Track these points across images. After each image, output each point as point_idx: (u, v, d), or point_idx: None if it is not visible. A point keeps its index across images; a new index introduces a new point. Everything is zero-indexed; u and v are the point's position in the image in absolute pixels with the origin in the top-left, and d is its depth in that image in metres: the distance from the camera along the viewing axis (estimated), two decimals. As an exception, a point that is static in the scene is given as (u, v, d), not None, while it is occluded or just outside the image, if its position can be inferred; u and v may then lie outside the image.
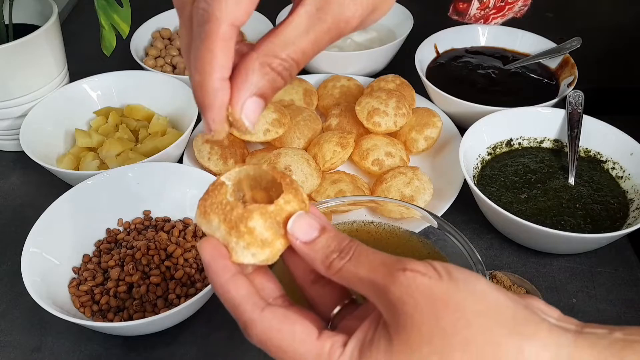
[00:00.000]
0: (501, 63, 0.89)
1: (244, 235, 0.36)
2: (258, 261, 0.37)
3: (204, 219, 0.38)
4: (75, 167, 0.76)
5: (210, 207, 0.38)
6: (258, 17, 0.97)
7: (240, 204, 0.37)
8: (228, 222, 0.37)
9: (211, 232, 0.38)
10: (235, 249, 0.37)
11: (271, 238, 0.37)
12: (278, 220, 0.37)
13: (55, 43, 0.79)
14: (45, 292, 0.57)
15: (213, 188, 0.40)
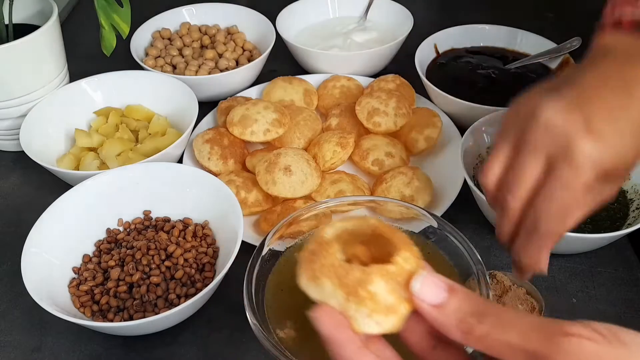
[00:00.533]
0: (501, 63, 0.89)
1: (366, 301, 0.32)
2: (383, 330, 0.33)
3: (313, 283, 0.34)
4: (76, 167, 0.76)
5: (321, 270, 0.34)
6: (258, 17, 0.97)
7: (357, 266, 0.33)
8: (345, 287, 0.33)
9: (323, 299, 0.34)
10: (356, 317, 0.33)
11: (395, 303, 0.33)
12: (400, 282, 0.33)
13: (55, 43, 0.79)
14: (45, 292, 0.57)
15: (319, 248, 0.35)
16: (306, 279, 0.35)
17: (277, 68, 0.97)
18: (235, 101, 0.83)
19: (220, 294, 0.63)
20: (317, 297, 0.34)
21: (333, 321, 0.33)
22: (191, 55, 0.95)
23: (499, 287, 0.62)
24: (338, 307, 0.33)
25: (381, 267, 0.33)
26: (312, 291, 0.34)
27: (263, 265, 0.55)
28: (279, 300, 0.54)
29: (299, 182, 0.70)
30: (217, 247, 0.66)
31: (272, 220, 0.68)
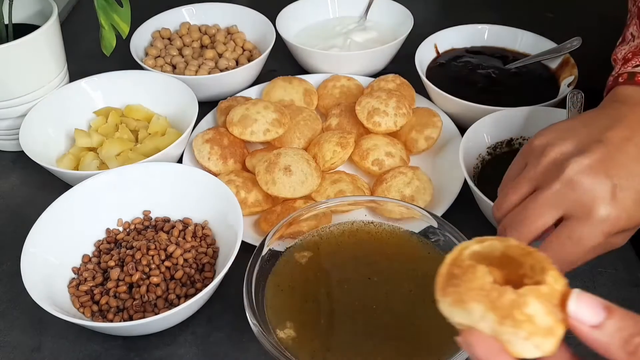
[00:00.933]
0: (501, 63, 0.89)
1: (523, 324, 0.31)
2: (542, 353, 0.32)
3: (459, 308, 0.33)
4: (75, 167, 0.76)
5: (468, 293, 0.33)
6: (258, 17, 0.97)
7: (509, 288, 0.32)
8: (498, 310, 0.32)
9: (471, 323, 0.33)
10: (512, 341, 0.32)
11: (553, 325, 0.32)
12: (554, 303, 0.32)
13: (55, 43, 0.79)
14: (44, 292, 0.57)
15: (462, 272, 0.34)
16: (450, 304, 0.34)
17: (277, 68, 0.96)
18: (235, 101, 0.83)
19: (220, 294, 0.63)
20: (463, 321, 0.34)
21: (489, 346, 0.32)
22: (191, 55, 0.95)
23: (499, 287, 0.62)
24: (489, 331, 0.33)
25: (534, 289, 0.32)
26: (458, 316, 0.34)
27: (263, 265, 0.55)
28: (279, 300, 0.54)
29: (299, 182, 0.70)
30: (217, 247, 0.66)
31: (272, 221, 0.68)
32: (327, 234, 0.60)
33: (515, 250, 0.34)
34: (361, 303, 0.53)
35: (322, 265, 0.57)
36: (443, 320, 0.52)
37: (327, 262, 0.57)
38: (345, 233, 0.60)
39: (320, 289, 0.55)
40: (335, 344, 0.50)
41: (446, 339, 0.50)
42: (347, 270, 0.56)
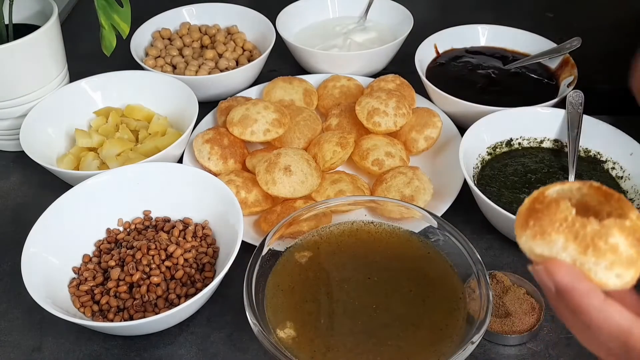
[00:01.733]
0: (501, 63, 0.89)
1: (606, 253, 0.33)
2: (622, 283, 0.33)
3: (541, 239, 0.34)
4: (76, 167, 0.76)
5: (550, 225, 0.34)
6: (258, 17, 0.98)
7: (592, 220, 0.33)
8: (581, 241, 0.33)
9: (551, 254, 0.34)
10: (595, 270, 0.33)
11: (636, 256, 0.33)
12: (637, 237, 0.33)
13: (56, 43, 0.79)
14: (45, 292, 0.57)
15: (544, 206, 0.35)
16: (531, 236, 0.35)
17: (277, 68, 0.97)
18: (235, 101, 0.83)
19: (221, 294, 0.63)
20: (543, 252, 0.34)
21: (572, 272, 0.32)
22: (191, 55, 0.95)
23: (499, 287, 0.62)
24: (570, 261, 0.34)
25: (618, 222, 0.33)
26: (539, 248, 0.35)
27: (263, 265, 0.55)
28: (279, 300, 0.54)
29: (299, 182, 0.70)
30: (217, 247, 0.66)
31: (272, 220, 0.68)
32: (327, 234, 0.60)
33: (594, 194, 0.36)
34: (361, 303, 0.53)
35: (322, 265, 0.57)
36: (443, 320, 0.52)
37: (327, 261, 0.57)
38: (345, 233, 0.60)
39: (320, 288, 0.55)
40: (335, 344, 0.50)
41: (446, 339, 0.50)
42: (347, 270, 0.56)
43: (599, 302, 0.32)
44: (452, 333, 0.51)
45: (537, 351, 0.58)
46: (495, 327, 0.58)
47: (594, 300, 0.32)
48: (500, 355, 0.58)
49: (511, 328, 0.58)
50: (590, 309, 0.32)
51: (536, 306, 0.60)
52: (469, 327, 0.50)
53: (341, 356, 0.50)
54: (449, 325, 0.52)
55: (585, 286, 0.32)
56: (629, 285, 0.34)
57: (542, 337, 0.59)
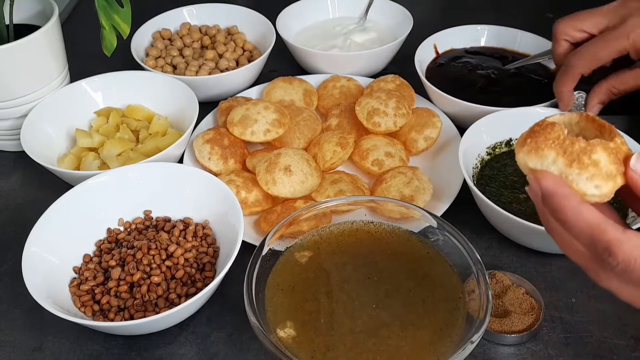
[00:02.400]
0: (501, 63, 0.89)
1: (588, 167, 0.37)
2: (600, 194, 0.38)
3: (535, 154, 0.39)
4: (76, 167, 0.76)
5: (545, 142, 0.39)
6: (258, 17, 0.98)
7: (581, 139, 0.38)
8: (568, 156, 0.38)
9: (543, 167, 0.39)
10: (577, 181, 0.38)
11: (614, 172, 0.38)
12: (618, 157, 0.38)
13: (56, 43, 0.79)
14: (45, 292, 0.57)
15: (541, 128, 0.40)
16: (527, 151, 0.39)
17: (277, 68, 0.97)
18: (235, 101, 0.83)
19: (221, 294, 0.63)
20: (536, 166, 0.39)
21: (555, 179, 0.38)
22: (191, 56, 0.95)
23: (498, 286, 0.62)
24: (558, 172, 0.38)
25: (603, 142, 0.38)
26: (532, 161, 0.39)
27: (263, 265, 0.55)
28: (279, 300, 0.54)
29: (299, 182, 0.70)
30: (218, 246, 0.66)
31: (272, 220, 0.68)
32: (327, 234, 0.60)
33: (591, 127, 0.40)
34: (361, 302, 0.53)
35: (322, 265, 0.57)
36: (442, 320, 0.52)
37: (327, 261, 0.57)
38: (345, 233, 0.60)
39: (320, 288, 0.55)
40: (335, 343, 0.51)
41: (445, 339, 0.51)
42: (347, 269, 0.57)
43: (575, 203, 0.37)
44: (451, 333, 0.51)
45: (537, 351, 0.58)
46: (494, 326, 0.58)
47: (571, 201, 0.37)
48: (500, 355, 0.58)
49: (510, 328, 0.58)
50: (567, 209, 0.37)
51: (535, 306, 0.60)
52: (469, 327, 0.50)
53: (341, 356, 0.50)
54: (448, 324, 0.52)
55: (565, 190, 0.37)
56: (605, 196, 0.38)
57: (542, 336, 0.59)
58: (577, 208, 0.37)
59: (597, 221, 0.37)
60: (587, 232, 0.37)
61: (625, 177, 0.38)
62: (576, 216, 0.37)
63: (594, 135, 0.40)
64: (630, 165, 0.37)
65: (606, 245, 0.36)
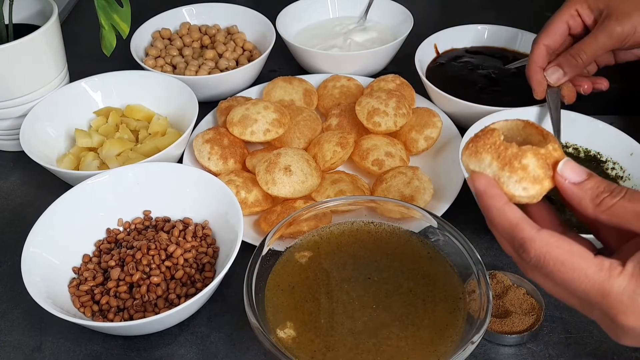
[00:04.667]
0: (501, 63, 0.89)
1: (518, 170, 0.40)
2: (527, 195, 0.41)
3: (474, 157, 0.43)
4: (76, 167, 0.76)
5: (483, 147, 0.42)
6: (258, 17, 0.98)
7: (514, 145, 0.41)
8: (502, 160, 0.41)
9: (480, 169, 0.42)
10: (507, 183, 0.41)
11: (542, 176, 0.41)
12: (548, 163, 0.41)
13: (56, 43, 0.79)
14: (45, 292, 0.57)
15: (483, 134, 0.43)
16: (468, 155, 0.43)
17: (277, 68, 0.97)
18: (235, 101, 0.83)
19: (220, 294, 0.63)
20: (475, 168, 0.43)
21: (488, 182, 0.41)
22: (191, 55, 0.95)
23: (499, 287, 0.62)
24: (492, 174, 0.42)
25: (534, 148, 0.41)
26: (472, 164, 0.43)
27: (263, 265, 0.55)
28: (279, 300, 0.54)
29: (299, 182, 0.70)
30: (217, 247, 0.66)
31: (272, 220, 0.68)
32: (327, 234, 0.60)
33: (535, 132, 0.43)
34: (361, 303, 0.53)
35: (322, 265, 0.57)
36: (443, 320, 0.52)
37: (327, 261, 0.57)
38: (345, 233, 0.60)
39: (321, 288, 0.55)
40: (335, 344, 0.50)
41: (446, 339, 0.50)
42: (347, 270, 0.56)
43: (500, 203, 0.41)
44: (452, 333, 0.51)
45: (537, 351, 0.58)
46: (495, 327, 0.58)
47: (497, 201, 0.41)
48: (500, 355, 0.58)
49: (511, 328, 0.58)
50: (493, 208, 0.41)
51: (536, 306, 0.60)
52: (469, 327, 0.50)
53: (341, 356, 0.50)
54: (449, 325, 0.52)
55: (493, 191, 0.41)
56: (534, 197, 0.41)
57: (542, 337, 0.59)
58: (501, 208, 0.40)
59: (517, 220, 0.40)
60: (507, 230, 0.40)
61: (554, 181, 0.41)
62: (499, 215, 0.40)
63: (538, 141, 0.43)
64: (557, 170, 0.40)
65: (521, 242, 0.39)
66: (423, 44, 0.89)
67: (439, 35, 0.91)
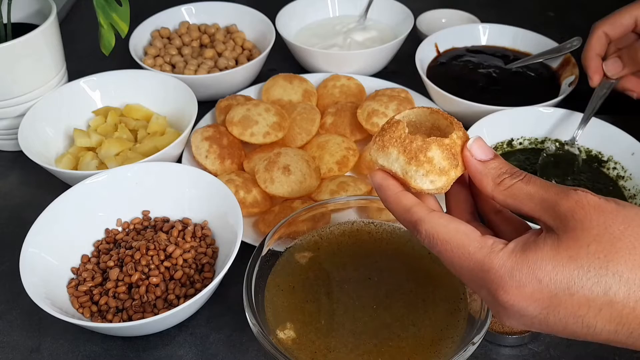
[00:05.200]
0: (502, 62, 0.89)
1: (424, 164, 0.41)
2: (435, 188, 0.42)
3: (381, 152, 0.43)
4: (74, 167, 0.75)
5: (389, 141, 0.42)
6: (258, 16, 0.97)
7: (419, 137, 0.41)
8: (407, 153, 0.41)
9: (388, 165, 0.42)
10: (415, 177, 0.41)
11: (448, 167, 0.41)
12: (453, 152, 0.41)
13: (54, 42, 0.78)
14: (43, 293, 0.57)
15: (389, 126, 0.43)
16: (376, 149, 0.43)
17: (277, 67, 0.96)
18: (234, 100, 0.83)
19: (220, 294, 0.63)
20: (383, 163, 0.43)
21: (384, 175, 0.43)
22: (190, 55, 0.94)
23: None
24: (400, 170, 0.42)
25: (438, 139, 0.41)
26: (380, 159, 0.43)
27: (263, 266, 0.55)
28: (279, 301, 0.54)
29: (297, 182, 0.70)
30: (217, 247, 0.65)
31: (270, 221, 0.67)
32: (327, 234, 0.59)
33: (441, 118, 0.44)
34: (361, 303, 0.53)
35: (323, 266, 0.57)
36: (443, 321, 0.52)
37: (328, 262, 0.57)
38: (345, 233, 0.59)
39: (321, 289, 0.55)
40: (336, 345, 0.50)
41: (446, 340, 0.50)
42: (348, 270, 0.56)
43: (395, 192, 0.43)
44: (452, 333, 0.51)
45: (538, 352, 0.58)
46: (496, 327, 0.58)
47: (392, 191, 0.43)
48: (501, 356, 0.58)
49: (512, 329, 0.58)
50: (390, 198, 0.43)
51: (537, 307, 0.60)
52: (470, 328, 0.50)
53: (342, 357, 0.49)
54: (449, 325, 0.51)
55: (387, 183, 0.43)
56: (442, 189, 0.42)
57: (543, 337, 0.59)
58: (396, 195, 0.43)
59: (410, 205, 0.42)
60: (403, 215, 0.42)
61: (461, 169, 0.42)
62: (395, 202, 0.43)
63: (445, 126, 0.44)
64: (467, 145, 0.42)
65: (414, 224, 0.41)
66: (424, 43, 0.89)
67: (440, 35, 0.91)
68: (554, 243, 0.36)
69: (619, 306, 0.34)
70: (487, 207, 0.45)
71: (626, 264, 0.34)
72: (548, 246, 0.36)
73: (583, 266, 0.35)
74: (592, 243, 0.35)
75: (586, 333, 0.36)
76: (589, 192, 0.37)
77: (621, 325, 0.35)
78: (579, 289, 0.35)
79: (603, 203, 0.36)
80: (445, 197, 0.46)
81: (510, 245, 0.38)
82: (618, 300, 0.34)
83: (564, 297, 0.35)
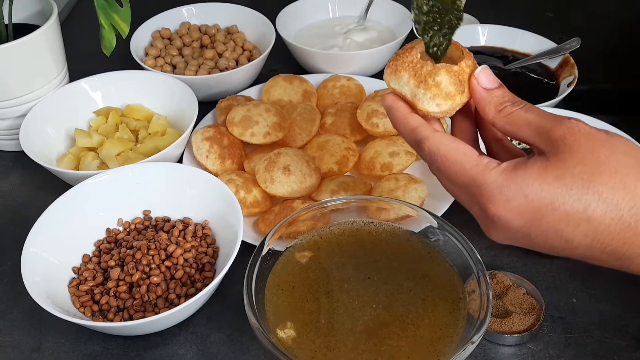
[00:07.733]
0: (501, 63, 0.89)
1: (431, 88, 0.43)
2: (440, 111, 0.44)
3: (394, 75, 0.45)
4: (75, 167, 0.76)
5: (402, 65, 0.44)
6: (258, 17, 0.97)
7: (429, 62, 0.43)
8: (417, 77, 0.43)
9: (399, 88, 0.45)
10: (422, 100, 0.43)
11: (454, 92, 0.43)
12: (460, 79, 0.43)
13: (55, 43, 0.79)
14: (45, 292, 0.57)
15: (403, 51, 0.45)
16: (389, 73, 0.45)
17: (277, 68, 0.96)
18: (234, 100, 0.83)
19: (220, 294, 0.63)
20: (395, 86, 0.45)
21: (395, 98, 0.46)
22: (191, 55, 0.95)
23: (499, 286, 0.62)
24: (409, 93, 0.44)
25: (447, 65, 0.43)
26: (392, 82, 0.45)
27: (263, 265, 0.55)
28: (279, 300, 0.54)
29: (297, 182, 0.70)
30: (217, 246, 0.66)
31: (270, 220, 0.68)
32: (327, 234, 0.60)
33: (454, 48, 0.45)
34: (361, 302, 0.53)
35: (323, 265, 0.57)
36: (442, 320, 0.52)
37: (328, 261, 0.57)
38: (345, 233, 0.60)
39: (321, 288, 0.55)
40: (336, 344, 0.50)
41: (446, 339, 0.50)
42: (348, 270, 0.56)
43: (404, 113, 0.45)
44: (451, 333, 0.51)
45: (537, 351, 0.58)
46: (495, 327, 0.58)
47: (401, 112, 0.45)
48: (500, 355, 0.58)
49: (511, 328, 0.58)
50: (398, 118, 0.46)
51: (536, 306, 0.60)
52: (469, 327, 0.50)
53: (342, 356, 0.50)
54: (448, 325, 0.51)
55: (397, 104, 0.46)
56: (447, 113, 0.44)
57: (542, 337, 0.59)
58: (404, 116, 0.45)
59: (416, 125, 0.44)
60: (409, 134, 0.45)
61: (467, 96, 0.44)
62: (403, 122, 0.45)
63: (457, 56, 0.45)
64: (475, 73, 0.44)
65: (418, 141, 0.44)
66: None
67: (439, 35, 0.91)
68: (543, 164, 0.39)
69: (595, 222, 0.38)
70: (489, 136, 0.48)
71: (606, 185, 0.37)
72: (537, 166, 0.39)
73: (567, 184, 0.38)
74: (578, 165, 0.38)
75: (564, 247, 0.39)
76: (582, 122, 0.39)
77: (596, 241, 0.38)
78: (560, 204, 0.38)
79: (593, 131, 0.39)
80: (451, 124, 0.48)
81: (503, 165, 0.41)
82: (595, 217, 0.37)
83: (547, 211, 0.38)
